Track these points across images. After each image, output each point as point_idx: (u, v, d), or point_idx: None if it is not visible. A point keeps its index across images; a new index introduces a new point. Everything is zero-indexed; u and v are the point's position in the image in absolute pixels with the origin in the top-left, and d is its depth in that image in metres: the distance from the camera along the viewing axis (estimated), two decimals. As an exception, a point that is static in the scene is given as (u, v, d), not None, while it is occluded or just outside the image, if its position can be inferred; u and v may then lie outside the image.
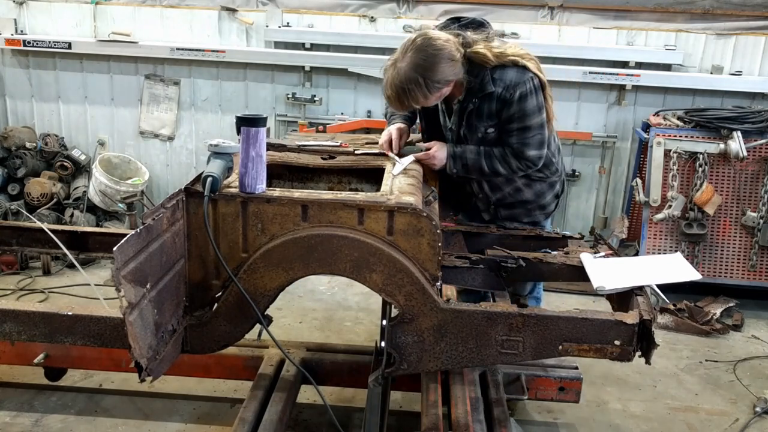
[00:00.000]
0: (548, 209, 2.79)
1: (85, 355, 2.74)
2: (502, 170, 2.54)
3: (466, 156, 2.53)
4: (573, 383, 2.73)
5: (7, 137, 5.01)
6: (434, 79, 2.30)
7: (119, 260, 1.62)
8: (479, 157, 2.52)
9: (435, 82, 2.31)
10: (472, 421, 2.26)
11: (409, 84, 2.30)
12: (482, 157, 2.52)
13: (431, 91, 2.33)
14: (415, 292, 1.99)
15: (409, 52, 2.30)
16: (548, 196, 2.74)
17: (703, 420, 3.10)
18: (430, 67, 2.29)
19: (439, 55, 2.29)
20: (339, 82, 5.12)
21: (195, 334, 2.08)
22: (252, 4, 5.10)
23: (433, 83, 2.31)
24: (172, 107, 5.29)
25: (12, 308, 2.13)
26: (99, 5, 5.15)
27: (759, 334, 4.10)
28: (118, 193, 4.83)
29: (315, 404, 2.97)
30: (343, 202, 1.98)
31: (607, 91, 4.98)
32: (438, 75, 2.30)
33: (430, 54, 2.29)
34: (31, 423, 2.80)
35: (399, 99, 2.36)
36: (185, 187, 2.01)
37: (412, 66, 2.29)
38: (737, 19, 4.83)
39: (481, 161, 2.52)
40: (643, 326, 1.98)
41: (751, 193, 4.27)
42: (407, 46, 2.32)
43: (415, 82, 2.29)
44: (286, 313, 4.01)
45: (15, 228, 2.96)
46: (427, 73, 2.29)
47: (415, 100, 2.36)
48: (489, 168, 2.53)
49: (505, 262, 2.39)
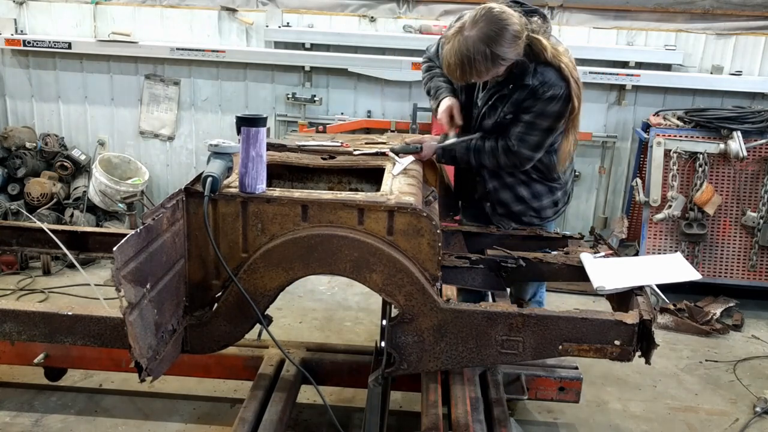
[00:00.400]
0: (543, 213, 2.75)
1: (85, 355, 2.74)
2: (489, 165, 2.57)
3: (455, 150, 2.56)
4: (573, 383, 2.73)
5: (7, 137, 5.01)
6: (500, 54, 2.26)
7: (119, 260, 1.62)
8: (468, 152, 2.55)
9: (500, 58, 2.27)
10: (472, 421, 2.26)
11: (476, 55, 2.24)
12: (471, 152, 2.55)
13: (495, 65, 2.29)
14: (415, 292, 1.99)
15: (480, 23, 2.24)
16: (545, 199, 2.71)
17: (703, 420, 3.10)
18: (499, 40, 2.24)
19: (509, 30, 2.24)
20: (339, 82, 5.12)
21: (195, 334, 2.08)
22: (252, 4, 5.10)
23: (498, 58, 2.26)
24: (172, 107, 5.29)
25: (12, 308, 2.13)
26: (99, 5, 5.15)
27: (759, 334, 4.10)
28: (118, 193, 4.83)
29: (315, 404, 2.97)
30: (343, 202, 1.97)
31: (607, 91, 4.98)
32: (504, 51, 2.26)
33: (501, 27, 2.24)
34: (31, 423, 2.80)
35: (462, 68, 2.30)
36: (185, 187, 2.01)
37: (481, 37, 2.23)
38: (737, 19, 4.83)
39: (470, 156, 2.55)
40: (643, 326, 1.98)
41: (751, 193, 4.27)
42: (477, 16, 2.26)
43: (483, 54, 2.24)
44: (286, 313, 4.01)
45: (15, 228, 2.96)
46: (494, 47, 2.24)
47: (478, 73, 2.31)
48: (476, 162, 2.57)
49: (505, 262, 2.39)
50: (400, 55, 4.88)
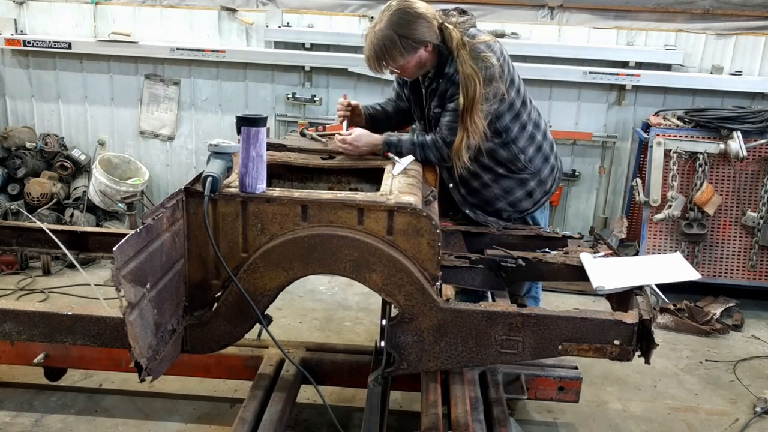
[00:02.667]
0: (520, 206, 2.75)
1: (85, 355, 2.74)
2: (434, 158, 2.55)
3: (401, 145, 2.54)
4: (573, 383, 2.73)
5: (7, 137, 5.02)
6: (410, 36, 2.38)
7: (119, 260, 1.62)
8: (413, 147, 2.54)
9: (410, 40, 2.39)
10: (471, 421, 2.27)
11: (385, 41, 2.38)
12: (416, 147, 2.54)
13: (407, 49, 2.40)
14: (415, 291, 1.99)
15: (386, 13, 2.41)
16: (517, 192, 2.71)
17: (703, 420, 3.10)
18: (406, 24, 2.38)
19: (415, 14, 2.40)
20: (339, 82, 5.12)
21: (195, 334, 2.08)
22: (252, 4, 5.10)
23: (408, 41, 2.39)
24: (172, 107, 5.29)
25: (12, 308, 2.13)
26: (99, 5, 5.15)
27: (759, 334, 4.10)
28: (118, 193, 4.83)
29: (315, 404, 2.97)
30: (343, 202, 1.98)
31: (607, 91, 4.98)
32: (413, 33, 2.38)
33: (406, 13, 2.39)
34: (31, 423, 2.80)
35: (377, 58, 2.43)
36: (185, 187, 2.01)
37: (388, 24, 2.38)
38: (737, 19, 4.83)
39: (415, 151, 2.54)
40: (642, 326, 1.98)
41: (751, 193, 4.27)
42: (384, 11, 2.42)
43: (390, 39, 2.38)
44: (286, 313, 4.01)
45: (15, 228, 2.96)
46: (402, 30, 2.38)
47: (392, 58, 2.42)
48: (422, 158, 2.56)
49: (505, 261, 2.40)
50: (400, 55, 4.88)
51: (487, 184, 2.69)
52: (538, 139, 2.70)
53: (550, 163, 2.76)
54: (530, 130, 2.66)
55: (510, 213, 2.76)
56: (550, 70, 4.84)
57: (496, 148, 2.62)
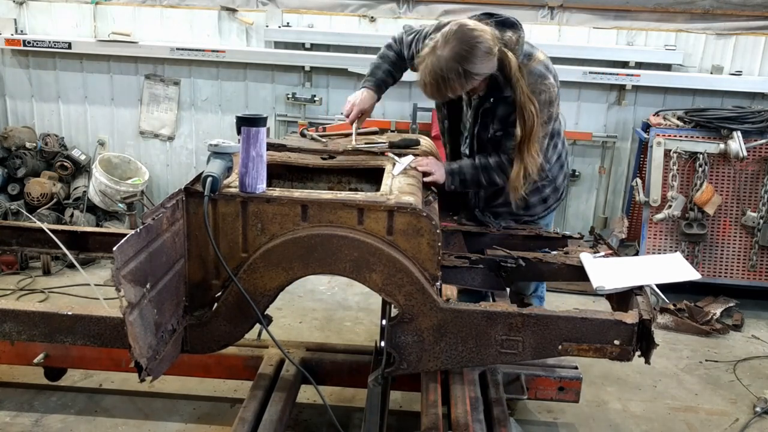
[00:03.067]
0: (533, 210, 2.76)
1: (85, 355, 2.74)
2: (500, 181, 2.53)
3: (463, 171, 2.53)
4: (573, 383, 2.73)
5: (7, 137, 5.01)
6: (473, 71, 2.29)
7: (119, 260, 1.62)
8: (476, 171, 2.52)
9: (473, 74, 2.30)
10: (471, 421, 2.27)
11: (449, 73, 2.28)
12: (479, 171, 2.52)
13: (469, 82, 2.32)
14: (415, 291, 1.99)
15: (452, 41, 2.28)
16: (532, 197, 2.71)
17: (703, 420, 3.10)
18: (471, 58, 2.27)
19: (480, 47, 2.28)
20: (339, 82, 5.12)
21: (195, 334, 2.08)
22: (252, 4, 5.10)
23: (471, 75, 2.30)
24: (172, 107, 5.29)
25: (12, 308, 2.13)
26: (99, 5, 5.15)
27: (759, 334, 4.10)
28: (118, 193, 4.83)
29: (315, 404, 2.97)
30: (343, 202, 1.98)
31: (607, 91, 4.98)
32: (477, 67, 2.29)
33: (472, 45, 2.27)
34: (31, 423, 2.80)
35: (437, 87, 2.34)
36: (185, 187, 2.01)
37: (453, 55, 2.27)
38: (737, 19, 4.83)
39: (479, 175, 2.52)
40: (642, 326, 1.98)
41: (751, 193, 4.27)
42: (448, 35, 2.30)
43: (456, 72, 2.28)
44: (286, 313, 4.01)
45: (15, 228, 2.96)
46: (466, 65, 2.27)
47: (453, 90, 2.35)
48: (487, 181, 2.53)
49: (505, 262, 2.39)
50: (400, 55, 4.88)
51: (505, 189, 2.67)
52: (559, 148, 2.72)
53: (564, 170, 2.80)
54: (555, 140, 2.68)
55: (521, 216, 2.76)
56: (550, 70, 4.83)
57: None
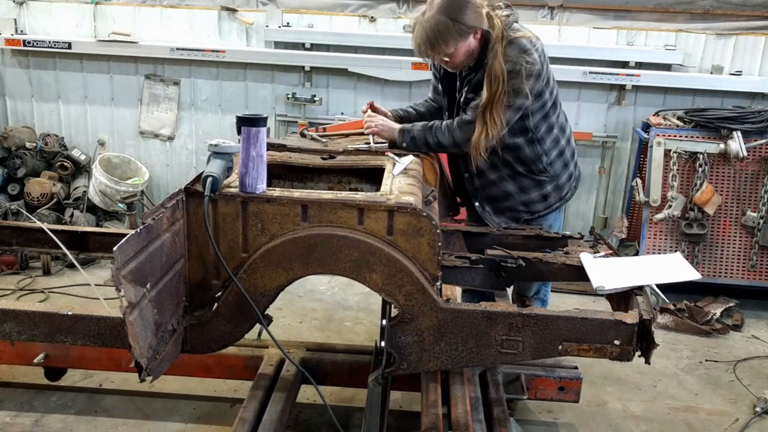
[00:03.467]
0: (533, 207, 2.75)
1: (85, 355, 2.74)
2: (446, 142, 2.57)
3: (413, 130, 2.59)
4: (573, 383, 2.73)
5: (7, 137, 5.02)
6: (462, 21, 2.35)
7: (119, 260, 1.62)
8: (423, 131, 2.58)
9: (462, 25, 2.36)
10: (471, 421, 2.27)
11: (438, 26, 2.35)
12: (426, 131, 2.57)
13: (459, 34, 2.37)
14: (415, 291, 1.99)
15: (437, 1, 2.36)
16: (533, 193, 2.71)
17: (703, 420, 3.10)
18: (457, 9, 2.34)
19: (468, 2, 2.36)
20: (339, 82, 5.12)
21: (195, 334, 2.08)
22: (252, 4, 5.10)
23: (460, 26, 2.35)
24: (172, 107, 5.29)
25: (12, 308, 2.13)
26: (99, 5, 5.15)
27: (759, 334, 4.10)
28: (118, 193, 4.83)
29: (315, 404, 2.97)
30: (343, 202, 1.98)
31: (607, 91, 4.98)
32: (466, 18, 2.36)
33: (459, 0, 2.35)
34: (31, 423, 2.80)
35: (430, 43, 2.39)
36: (185, 187, 2.01)
37: (439, 10, 2.35)
38: (737, 19, 4.83)
39: (425, 135, 2.57)
40: (642, 326, 1.97)
41: (751, 193, 4.27)
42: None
43: (444, 24, 2.34)
44: (286, 313, 4.01)
45: (15, 228, 2.96)
46: (454, 15, 2.34)
47: (445, 43, 2.39)
48: (433, 141, 2.58)
49: (505, 261, 2.39)
50: (400, 55, 4.88)
51: (504, 179, 2.69)
52: (561, 143, 2.71)
53: (569, 170, 2.78)
54: (555, 134, 2.67)
55: (521, 213, 2.75)
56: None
57: (521, 146, 2.62)
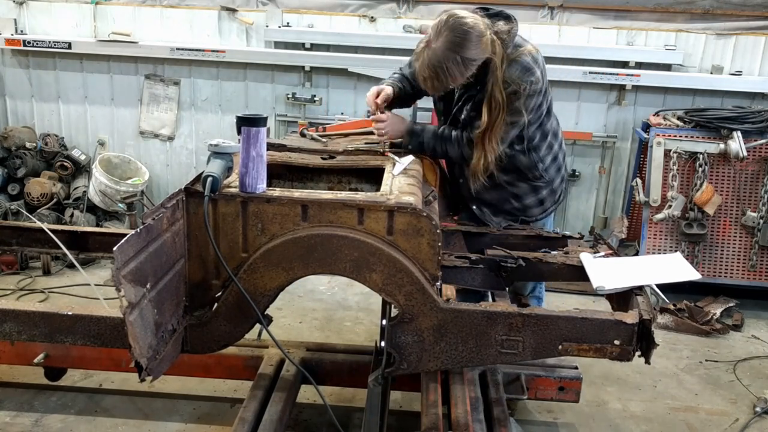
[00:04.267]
0: (529, 212, 2.77)
1: (85, 355, 2.74)
2: (453, 155, 2.58)
3: (424, 135, 2.58)
4: (573, 383, 2.73)
5: (7, 137, 5.01)
6: (469, 56, 2.33)
7: (119, 260, 1.62)
8: (435, 139, 2.58)
9: (470, 60, 2.34)
10: (471, 421, 2.27)
11: (447, 63, 2.33)
12: (438, 140, 2.58)
13: (467, 68, 2.36)
14: (415, 291, 1.99)
15: (444, 32, 2.33)
16: (528, 198, 2.73)
17: (703, 420, 3.10)
18: (465, 44, 2.31)
19: (472, 33, 2.32)
20: (339, 82, 5.12)
21: (195, 334, 2.08)
22: (252, 4, 5.10)
23: (468, 61, 2.34)
24: (172, 107, 5.29)
25: (12, 308, 2.13)
26: (99, 5, 5.15)
27: (759, 334, 4.10)
28: (118, 193, 4.83)
29: (315, 404, 2.97)
30: (343, 202, 1.98)
31: (607, 91, 4.98)
32: (472, 53, 2.33)
33: (463, 32, 2.31)
34: (31, 423, 2.80)
35: (437, 77, 2.38)
36: (185, 187, 2.01)
37: (447, 45, 2.32)
38: (737, 19, 4.83)
39: (436, 143, 2.58)
40: (642, 326, 1.98)
41: (751, 193, 4.27)
42: (440, 26, 2.35)
43: (453, 60, 2.32)
44: (286, 313, 4.01)
45: (15, 228, 2.96)
46: (462, 51, 2.32)
47: (453, 79, 2.38)
48: (442, 150, 2.59)
49: (505, 261, 2.39)
50: (400, 55, 4.87)
51: (500, 185, 2.69)
52: (555, 148, 2.72)
53: (561, 173, 2.80)
54: (549, 140, 2.68)
55: (518, 216, 2.77)
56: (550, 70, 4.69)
57: (517, 154, 2.62)
